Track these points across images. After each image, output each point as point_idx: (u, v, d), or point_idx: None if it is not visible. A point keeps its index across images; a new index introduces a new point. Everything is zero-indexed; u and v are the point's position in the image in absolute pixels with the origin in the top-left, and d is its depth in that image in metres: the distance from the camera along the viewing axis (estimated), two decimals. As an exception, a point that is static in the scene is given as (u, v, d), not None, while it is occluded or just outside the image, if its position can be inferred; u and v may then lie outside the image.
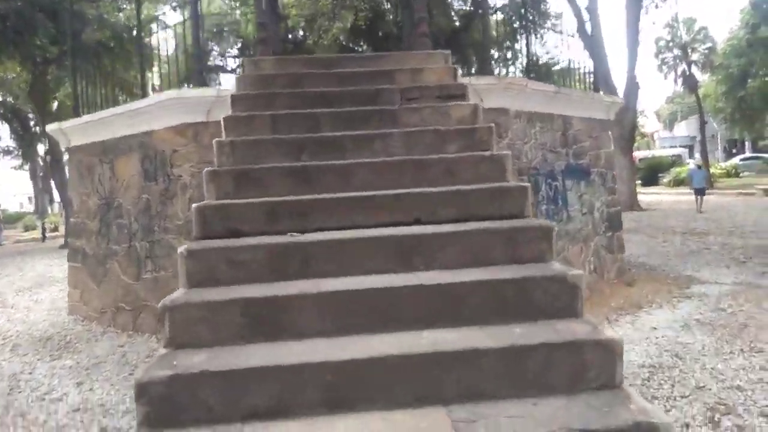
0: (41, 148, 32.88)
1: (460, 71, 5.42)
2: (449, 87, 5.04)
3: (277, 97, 4.88)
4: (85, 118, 8.16)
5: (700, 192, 19.37)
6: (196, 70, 6.95)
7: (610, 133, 9.83)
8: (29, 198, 52.88)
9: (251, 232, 3.43)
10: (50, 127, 8.93)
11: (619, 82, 20.72)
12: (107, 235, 8.12)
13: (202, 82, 6.83)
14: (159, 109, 7.05)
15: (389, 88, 5.00)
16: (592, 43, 16.31)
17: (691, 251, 11.10)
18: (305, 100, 4.87)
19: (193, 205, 3.50)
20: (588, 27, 19.32)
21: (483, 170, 3.96)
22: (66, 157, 9.50)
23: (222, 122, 4.51)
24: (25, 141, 32.10)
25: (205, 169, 3.88)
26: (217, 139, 4.21)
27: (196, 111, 6.64)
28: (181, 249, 3.15)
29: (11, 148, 35.61)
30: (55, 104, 24.86)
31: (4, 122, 30.28)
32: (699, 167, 21.67)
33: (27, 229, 30.75)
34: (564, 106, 8.50)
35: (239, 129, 4.51)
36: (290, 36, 20.46)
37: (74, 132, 8.55)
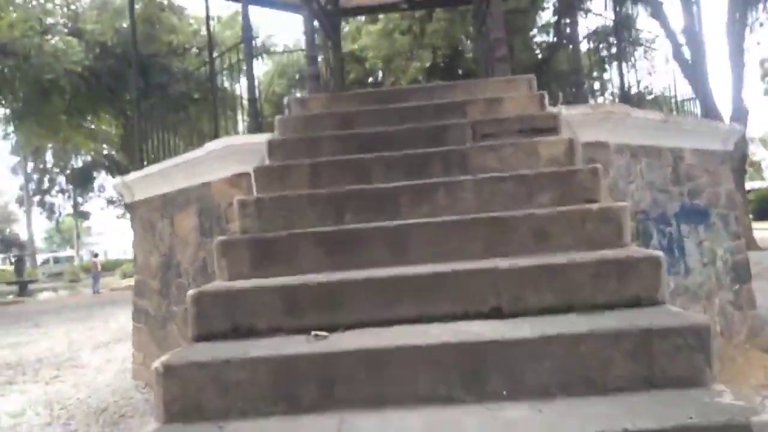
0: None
1: (547, 99, 4.27)
2: (535, 118, 3.90)
3: (322, 141, 3.93)
4: (146, 170, 7.61)
5: None
6: (250, 113, 6.18)
7: (728, 166, 8.25)
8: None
9: (264, 330, 2.43)
10: (115, 182, 8.51)
11: (723, 108, 18.64)
12: (167, 295, 7.44)
13: (257, 128, 6.04)
14: (212, 158, 6.31)
15: (459, 123, 3.93)
16: (693, 68, 14.63)
17: (833, 302, 9.11)
18: (355, 144, 3.88)
19: (188, 293, 2.55)
20: (685, 51, 17.55)
21: (589, 231, 2.78)
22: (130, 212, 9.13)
23: (252, 176, 3.59)
24: (126, 191, 33.28)
25: (217, 239, 2.94)
26: (239, 197, 3.28)
27: (250, 159, 5.83)
28: (156, 364, 2.19)
29: (114, 198, 37.25)
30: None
31: (107, 173, 31.69)
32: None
33: (124, 276, 31.66)
34: (674, 137, 7.09)
35: (272, 184, 3.57)
36: (370, 79, 19.98)
37: (137, 185, 8.04)
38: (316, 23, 5.84)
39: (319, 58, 6.86)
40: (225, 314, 2.47)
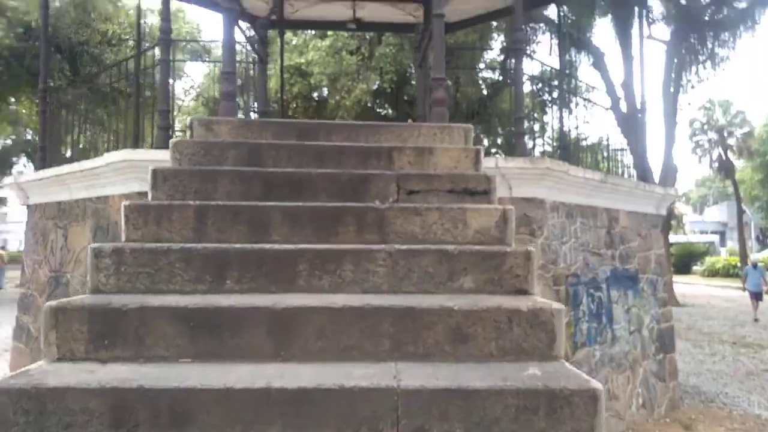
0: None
1: (483, 154, 3.79)
2: (468, 178, 3.40)
3: (221, 177, 3.28)
4: (41, 173, 6.71)
5: (757, 296, 15.84)
6: (160, 125, 5.46)
7: (659, 230, 8.09)
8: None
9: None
10: (7, 180, 7.55)
11: (653, 162, 19.00)
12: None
13: (166, 141, 5.31)
14: (111, 171, 5.56)
15: (383, 174, 3.38)
16: (628, 122, 14.83)
17: (748, 372, 9.10)
18: (260, 185, 3.26)
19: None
20: (622, 105, 17.83)
21: (517, 336, 2.27)
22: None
23: (122, 213, 2.91)
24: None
25: (46, 305, 2.25)
26: (93, 244, 2.60)
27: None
28: None
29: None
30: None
31: (29, 159, 29.51)
32: (755, 266, 16.98)
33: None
34: (610, 198, 6.83)
35: (146, 226, 2.90)
36: (315, 94, 19.34)
37: (32, 188, 7.11)
38: (241, 36, 5.20)
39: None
40: (30, 424, 1.80)
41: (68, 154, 7.77)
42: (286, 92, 17.76)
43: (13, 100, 18.47)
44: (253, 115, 7.85)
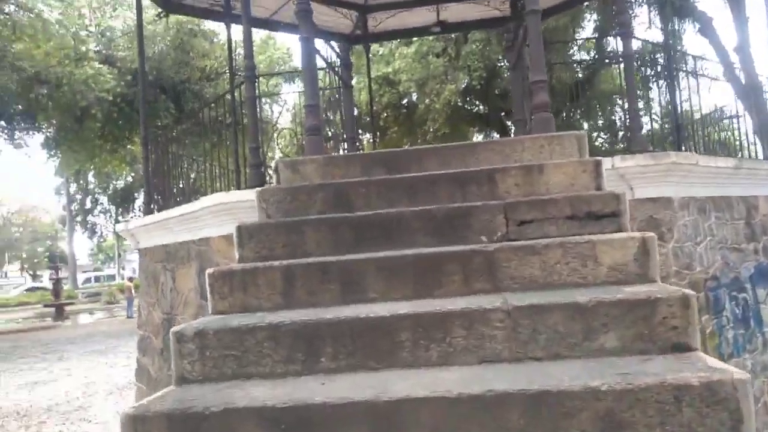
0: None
1: (605, 164, 3.19)
2: (590, 199, 2.81)
3: (308, 228, 2.92)
4: (147, 219, 6.77)
5: None
6: (251, 163, 5.24)
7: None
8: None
9: None
10: (119, 227, 7.74)
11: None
12: (169, 358, 6.56)
13: (260, 179, 5.08)
14: (208, 215, 5.43)
15: (486, 204, 2.87)
16: (748, 88, 13.21)
17: None
18: (349, 234, 2.87)
19: None
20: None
21: (686, 422, 1.70)
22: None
23: (207, 281, 2.62)
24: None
25: (123, 412, 1.96)
26: (175, 328, 2.31)
27: (249, 217, 4.90)
28: None
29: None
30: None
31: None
32: None
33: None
34: (746, 185, 5.88)
35: (233, 295, 2.59)
36: (404, 101, 18.98)
37: (140, 233, 7.22)
38: (320, 59, 4.87)
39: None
40: None
41: (181, 184, 7.83)
42: (375, 103, 17.56)
43: (123, 142, 19.60)
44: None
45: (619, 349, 2.07)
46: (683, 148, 5.81)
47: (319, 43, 5.23)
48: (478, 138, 22.81)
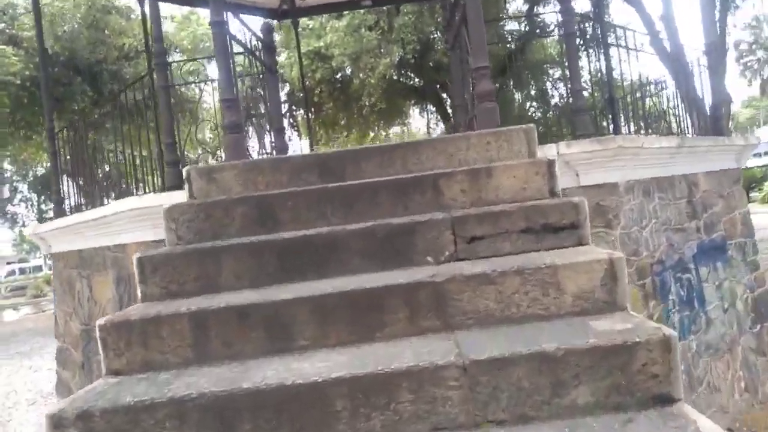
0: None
1: (550, 152, 2.85)
2: (546, 209, 2.46)
3: (225, 256, 2.45)
4: (56, 223, 6.05)
5: None
6: (167, 162, 4.66)
7: (741, 185, 6.92)
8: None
9: None
10: (27, 231, 6.96)
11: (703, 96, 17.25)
12: (90, 373, 5.95)
13: (179, 179, 4.51)
14: (122, 220, 4.83)
15: (432, 220, 2.48)
16: (671, 56, 13.34)
17: None
18: (273, 263, 2.42)
19: None
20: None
21: None
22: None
23: (98, 334, 2.12)
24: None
25: None
26: (49, 411, 1.81)
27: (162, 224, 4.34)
28: None
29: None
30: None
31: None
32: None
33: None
34: (687, 163, 5.74)
35: (131, 351, 2.10)
36: (338, 77, 18.30)
37: (52, 237, 6.49)
38: (240, 33, 4.30)
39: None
40: None
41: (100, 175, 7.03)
42: (308, 78, 16.87)
43: (38, 128, 18.15)
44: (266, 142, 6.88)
45: (592, 406, 1.74)
46: (620, 122, 5.60)
47: (235, 25, 4.64)
48: (414, 111, 22.51)
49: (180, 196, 3.60)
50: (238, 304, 2.14)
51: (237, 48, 4.32)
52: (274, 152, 4.72)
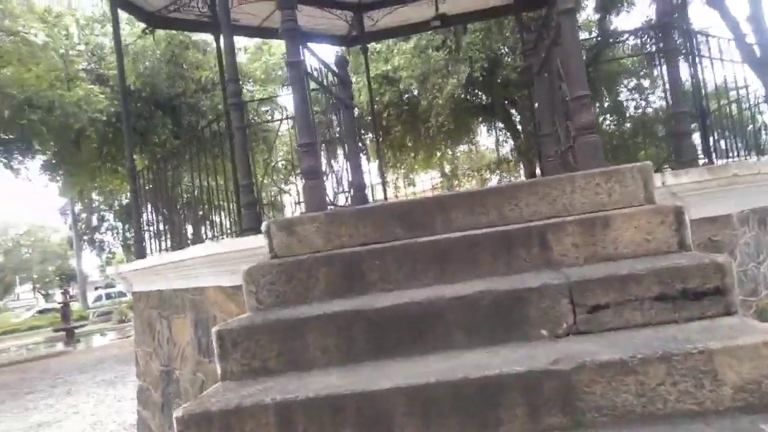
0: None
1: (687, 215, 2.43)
2: (685, 272, 2.05)
3: (310, 328, 2.19)
4: (137, 263, 6.05)
5: None
6: (243, 205, 4.50)
7: None
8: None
9: None
10: (109, 271, 7.07)
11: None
12: (169, 415, 5.87)
13: (256, 221, 4.34)
14: (200, 264, 4.72)
15: (545, 286, 2.12)
16: (759, 59, 12.33)
17: None
18: (364, 336, 2.13)
19: None
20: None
21: None
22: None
23: (175, 426, 1.89)
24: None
25: None
26: None
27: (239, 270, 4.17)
28: None
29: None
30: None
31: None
32: None
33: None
34: (805, 184, 5.09)
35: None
36: (405, 99, 18.13)
37: (133, 277, 6.52)
38: (310, 64, 4.09)
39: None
40: None
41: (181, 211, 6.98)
42: (376, 102, 16.77)
43: (123, 161, 18.90)
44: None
45: None
46: (710, 140, 5.03)
47: (311, 51, 4.43)
48: (481, 129, 21.99)
49: (257, 241, 3.38)
50: (328, 394, 1.85)
51: (312, 84, 4.13)
52: (352, 190, 4.48)
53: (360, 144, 19.13)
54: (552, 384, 1.74)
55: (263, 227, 2.92)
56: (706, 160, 5.09)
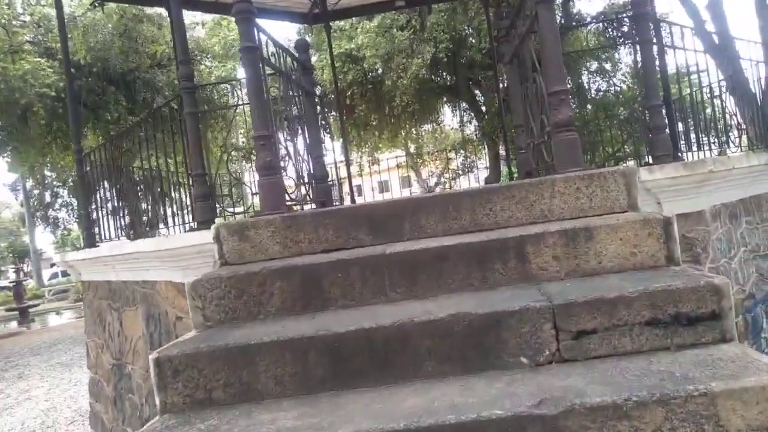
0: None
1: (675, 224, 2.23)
2: (678, 295, 1.84)
3: (261, 355, 1.91)
4: (84, 253, 5.61)
5: None
6: (196, 197, 4.14)
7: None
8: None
9: None
10: (56, 259, 6.59)
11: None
12: (122, 410, 5.53)
13: (210, 214, 3.99)
14: (150, 258, 4.36)
15: (526, 309, 1.88)
16: (718, 46, 12.39)
17: None
18: (322, 365, 1.87)
19: None
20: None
21: None
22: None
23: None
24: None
25: None
26: None
27: (197, 263, 3.83)
28: None
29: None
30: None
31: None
32: None
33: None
34: (772, 177, 5.02)
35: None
36: (369, 78, 17.70)
37: (82, 266, 6.08)
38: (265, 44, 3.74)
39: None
40: None
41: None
42: (340, 81, 16.32)
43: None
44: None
45: None
46: (677, 128, 4.89)
47: (267, 35, 4.01)
48: (446, 109, 21.75)
49: (209, 236, 3.05)
50: (280, 441, 1.58)
51: (270, 69, 3.77)
52: (313, 181, 4.17)
53: (323, 122, 18.69)
54: (537, 429, 1.51)
55: (212, 232, 2.61)
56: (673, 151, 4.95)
